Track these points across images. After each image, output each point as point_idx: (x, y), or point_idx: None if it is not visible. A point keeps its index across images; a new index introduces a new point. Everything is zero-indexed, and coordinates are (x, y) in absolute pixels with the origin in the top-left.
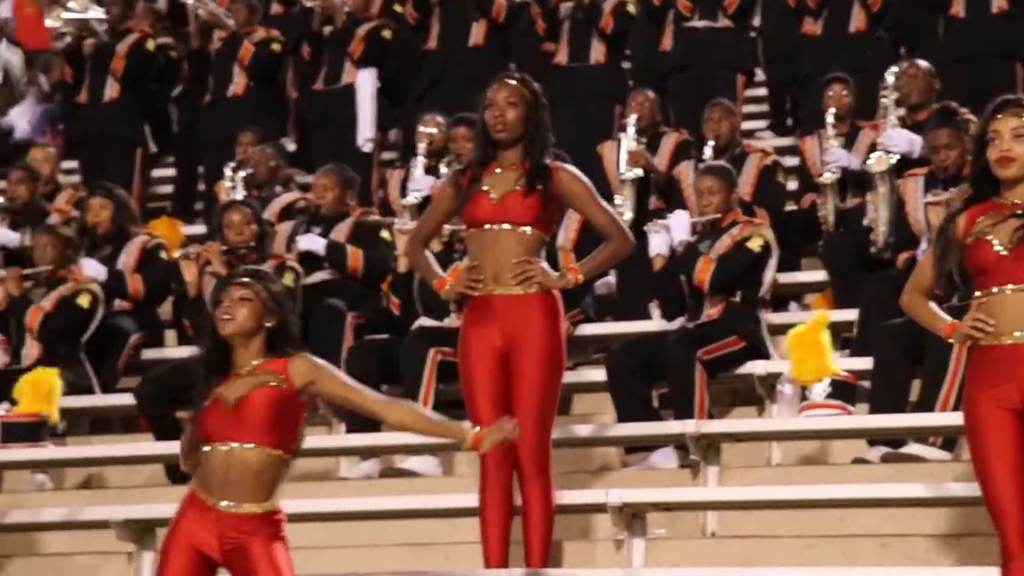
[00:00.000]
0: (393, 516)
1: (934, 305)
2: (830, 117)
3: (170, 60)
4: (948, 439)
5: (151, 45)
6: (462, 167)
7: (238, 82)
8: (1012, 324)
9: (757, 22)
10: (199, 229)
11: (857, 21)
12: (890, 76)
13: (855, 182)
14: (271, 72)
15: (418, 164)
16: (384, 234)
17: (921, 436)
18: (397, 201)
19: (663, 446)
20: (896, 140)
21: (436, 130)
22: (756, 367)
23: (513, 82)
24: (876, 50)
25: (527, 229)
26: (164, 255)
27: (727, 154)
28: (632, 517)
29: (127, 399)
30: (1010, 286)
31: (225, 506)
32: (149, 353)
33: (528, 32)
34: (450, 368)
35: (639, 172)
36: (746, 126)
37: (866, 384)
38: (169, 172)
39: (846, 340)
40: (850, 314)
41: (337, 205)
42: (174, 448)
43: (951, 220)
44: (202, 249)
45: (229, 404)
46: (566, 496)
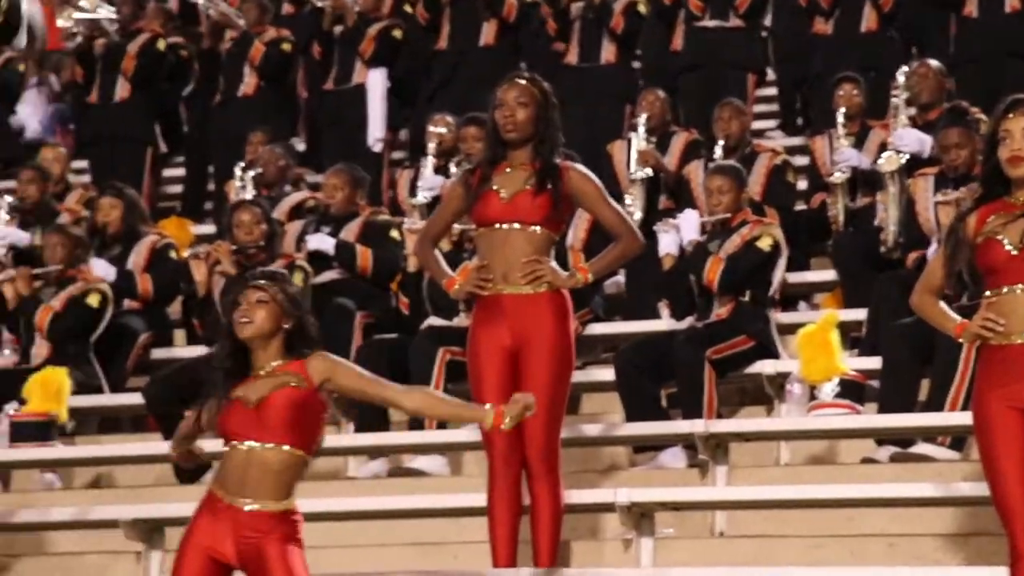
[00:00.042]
0: (401, 515)
1: (944, 305)
2: (840, 117)
3: (181, 60)
4: (957, 439)
5: (162, 45)
6: (472, 167)
7: (248, 82)
8: (1022, 324)
9: (768, 21)
10: (209, 229)
11: (868, 21)
12: (901, 76)
13: (865, 182)
14: (281, 72)
15: (428, 164)
16: (393, 234)
17: (930, 436)
18: (406, 200)
19: (672, 445)
20: (906, 140)
21: (446, 130)
22: (765, 367)
23: (523, 82)
24: (887, 50)
25: (537, 228)
26: (174, 255)
27: (737, 154)
28: (640, 516)
29: (136, 398)
30: (1020, 286)
31: (242, 503)
32: (158, 353)
33: (539, 32)
34: (459, 367)
35: (649, 172)
36: (756, 126)
37: (875, 384)
38: (179, 172)
39: (855, 340)
40: (859, 314)
41: (347, 205)
42: None
43: (961, 220)
44: (212, 248)
45: (251, 405)
46: (574, 495)
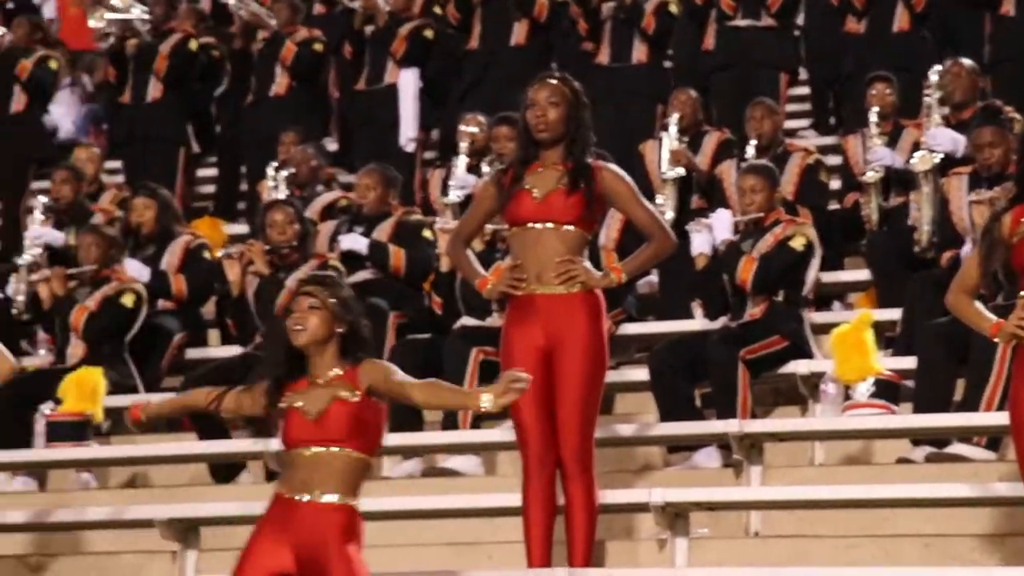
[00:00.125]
0: (435, 515)
1: (980, 304)
2: (873, 116)
3: (212, 60)
4: (993, 439)
5: (194, 45)
6: (504, 167)
7: (280, 82)
8: None
9: (801, 20)
10: (242, 228)
11: (901, 20)
12: (934, 75)
13: (898, 181)
14: (313, 72)
15: (460, 163)
16: (426, 233)
17: (965, 436)
18: (439, 200)
19: (706, 445)
20: (940, 139)
21: (477, 129)
22: (799, 366)
23: (554, 81)
24: (920, 49)
25: (570, 228)
26: (207, 255)
27: (769, 153)
28: (675, 517)
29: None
30: None
31: (306, 497)
32: (192, 352)
33: (570, 32)
34: (492, 367)
35: (681, 171)
36: (789, 125)
37: (910, 383)
38: (211, 172)
39: (889, 339)
40: (894, 313)
41: (379, 204)
42: (218, 447)
43: (996, 219)
44: (245, 248)
45: (311, 417)
46: (609, 495)
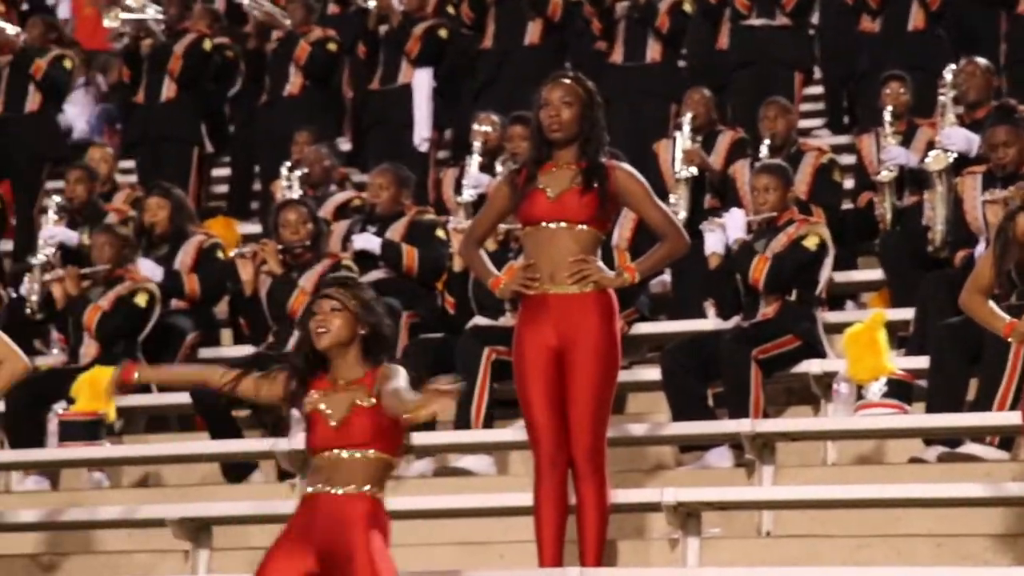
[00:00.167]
0: (447, 515)
1: (993, 304)
2: (887, 115)
3: (226, 60)
4: (1006, 438)
5: (208, 45)
6: (517, 166)
7: (294, 82)
8: None
9: (815, 19)
10: (255, 228)
11: (916, 19)
12: (948, 74)
13: (912, 180)
14: (327, 72)
15: (473, 162)
16: (439, 233)
17: (978, 435)
18: (452, 199)
19: (718, 445)
20: (954, 138)
21: (491, 129)
22: (812, 366)
23: (567, 81)
24: (934, 48)
25: (583, 227)
26: (220, 254)
27: (783, 152)
28: (687, 516)
29: (183, 398)
30: None
31: (332, 490)
32: (205, 352)
33: (584, 31)
34: (505, 367)
35: (694, 171)
36: (803, 124)
37: (923, 383)
38: (225, 172)
39: (902, 339)
40: (907, 313)
41: (392, 204)
42: (230, 446)
43: (1010, 219)
44: (258, 248)
45: (332, 422)
46: (620, 495)
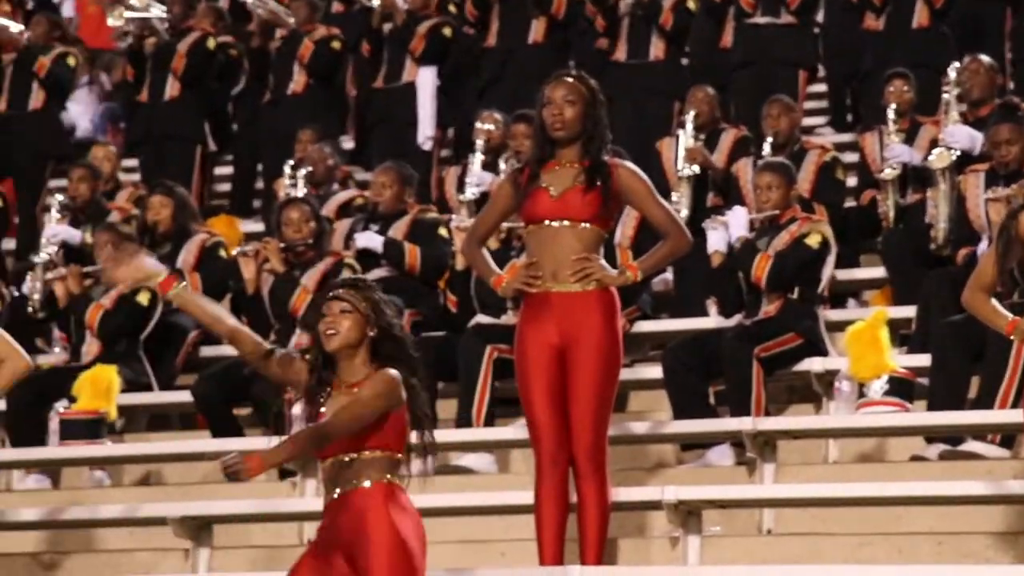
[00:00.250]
0: (448, 513)
1: (995, 302)
2: (891, 113)
3: (230, 58)
4: (1007, 436)
5: (212, 44)
6: (520, 165)
7: (298, 80)
8: None
9: (820, 17)
10: (257, 227)
11: (920, 17)
12: (952, 72)
13: (915, 178)
14: (331, 70)
15: (476, 160)
16: (442, 231)
17: (980, 433)
18: (455, 197)
19: (719, 443)
20: (957, 136)
21: (494, 127)
22: (814, 364)
23: (570, 79)
24: (938, 46)
25: (586, 225)
26: (223, 253)
27: (786, 150)
28: (688, 514)
29: (185, 396)
30: None
31: (341, 492)
32: (207, 350)
33: (587, 29)
34: (507, 365)
35: (696, 169)
36: (806, 122)
37: (924, 381)
38: (228, 170)
39: (904, 337)
40: (909, 311)
41: (395, 203)
42: (231, 445)
43: (1013, 217)
44: (260, 246)
45: None
46: (622, 493)
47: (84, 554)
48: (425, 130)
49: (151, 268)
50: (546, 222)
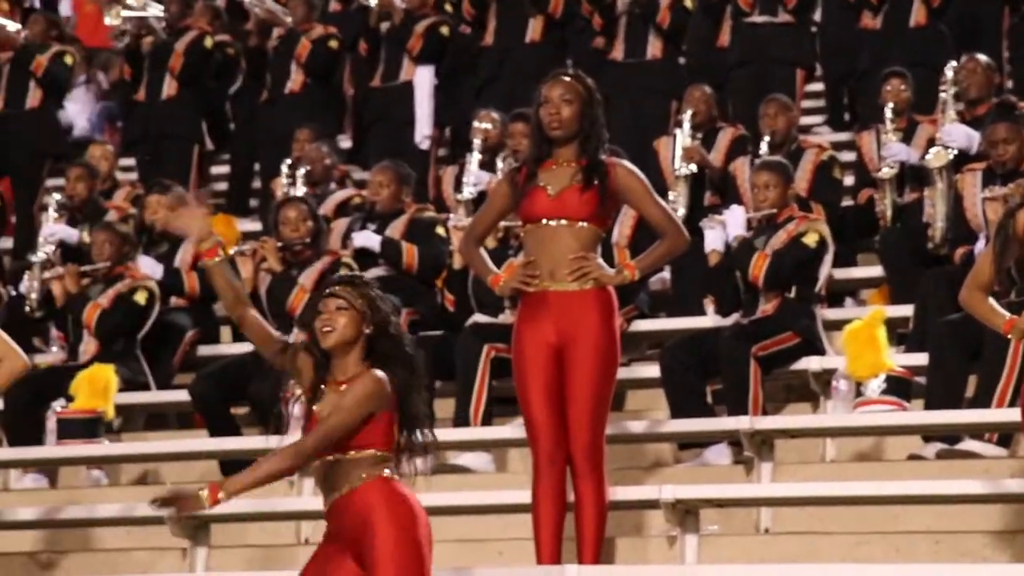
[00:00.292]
0: (446, 512)
1: (993, 301)
2: (888, 112)
3: (228, 57)
4: (1004, 435)
5: (209, 43)
6: (518, 164)
7: (295, 79)
8: None
9: (818, 16)
10: (254, 226)
11: (917, 15)
12: (949, 70)
13: (913, 177)
14: (328, 69)
15: (473, 160)
16: (439, 230)
17: (977, 432)
18: (452, 197)
19: (717, 442)
20: (954, 135)
21: (491, 126)
22: (811, 363)
23: (567, 79)
24: (935, 44)
25: (584, 224)
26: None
27: (783, 149)
28: (685, 513)
29: (182, 395)
30: None
31: (336, 496)
32: (204, 349)
33: (584, 28)
34: (504, 364)
35: (693, 168)
36: (803, 121)
37: (922, 380)
38: (224, 169)
39: (902, 336)
40: (906, 310)
41: (392, 202)
42: (229, 444)
43: (1010, 216)
44: (258, 245)
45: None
46: (619, 492)
47: (81, 553)
48: (422, 129)
49: (208, 227)
50: (543, 221)
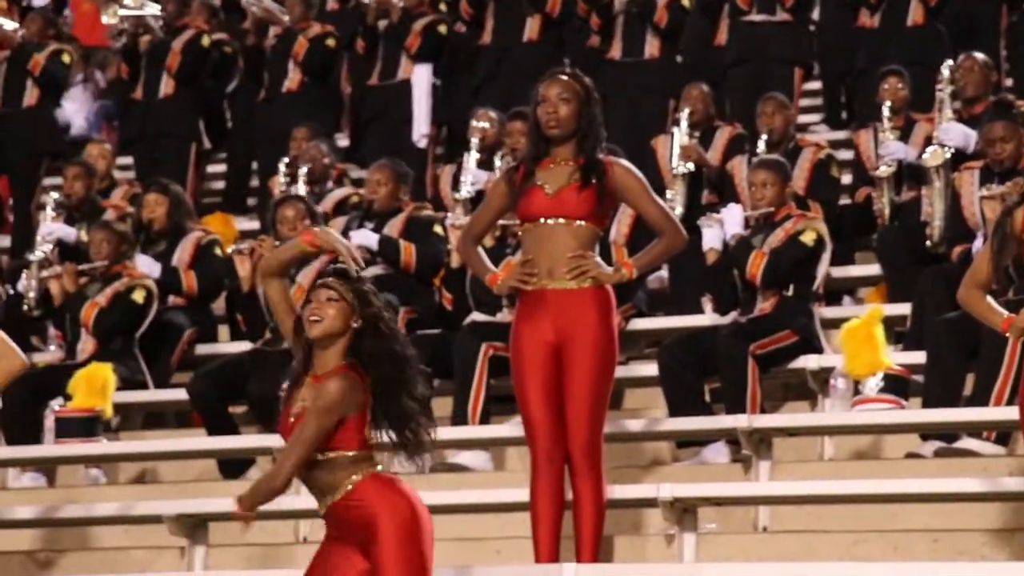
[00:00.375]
0: (444, 511)
1: (991, 299)
2: (885, 110)
3: (225, 56)
4: (1002, 433)
5: (206, 41)
6: (515, 164)
7: (293, 77)
8: None
9: (815, 15)
10: (252, 224)
11: (915, 14)
12: (946, 69)
13: (910, 176)
14: (325, 68)
15: (471, 158)
16: (437, 229)
17: (975, 431)
18: (450, 195)
19: (715, 441)
20: (951, 134)
21: (489, 125)
22: (809, 361)
23: (565, 77)
24: (933, 43)
25: (582, 223)
26: (218, 251)
27: (781, 148)
28: (683, 512)
29: (180, 394)
30: None
31: (327, 503)
32: (202, 348)
33: (582, 27)
34: (502, 363)
35: (690, 167)
36: (801, 119)
37: (919, 378)
38: (222, 168)
39: (899, 334)
40: (904, 308)
41: (390, 200)
42: (227, 443)
43: (1008, 214)
44: (255, 244)
45: (291, 419)
46: (617, 491)
47: (80, 552)
48: (420, 128)
49: None
50: (541, 220)
